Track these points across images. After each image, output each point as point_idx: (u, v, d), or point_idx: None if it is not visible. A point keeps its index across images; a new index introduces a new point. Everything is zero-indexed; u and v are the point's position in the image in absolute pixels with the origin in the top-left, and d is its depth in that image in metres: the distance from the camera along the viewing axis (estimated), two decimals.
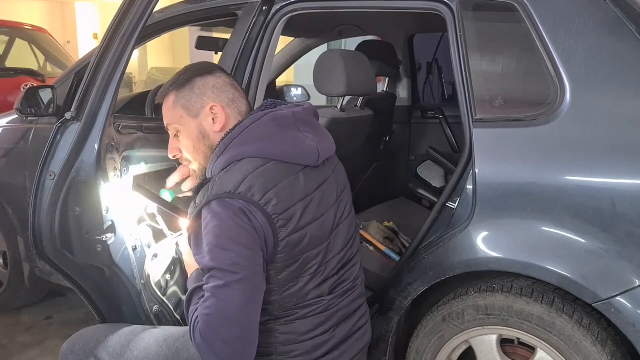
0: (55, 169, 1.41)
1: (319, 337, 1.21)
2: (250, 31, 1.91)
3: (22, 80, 4.87)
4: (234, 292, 1.05)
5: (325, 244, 1.20)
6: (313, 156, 1.19)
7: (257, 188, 1.08)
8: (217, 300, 1.05)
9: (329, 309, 1.22)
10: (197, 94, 1.23)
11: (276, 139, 1.16)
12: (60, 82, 2.21)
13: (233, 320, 1.05)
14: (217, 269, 1.06)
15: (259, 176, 1.10)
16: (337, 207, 1.25)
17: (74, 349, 1.34)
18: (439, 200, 1.55)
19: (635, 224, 1.27)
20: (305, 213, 1.14)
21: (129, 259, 1.50)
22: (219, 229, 1.06)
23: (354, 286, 1.30)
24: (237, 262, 1.05)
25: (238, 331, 1.06)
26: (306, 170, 1.18)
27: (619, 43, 1.34)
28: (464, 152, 1.48)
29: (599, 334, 1.34)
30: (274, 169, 1.13)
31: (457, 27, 1.51)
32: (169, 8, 2.12)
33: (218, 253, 1.06)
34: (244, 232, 1.06)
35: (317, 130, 1.25)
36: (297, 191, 1.14)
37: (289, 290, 1.16)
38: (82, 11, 14.65)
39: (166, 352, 1.28)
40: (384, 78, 3.07)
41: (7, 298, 2.57)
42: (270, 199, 1.08)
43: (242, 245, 1.06)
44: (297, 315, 1.18)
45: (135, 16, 1.40)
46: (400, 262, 1.61)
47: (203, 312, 1.07)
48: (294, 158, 1.16)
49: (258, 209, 1.07)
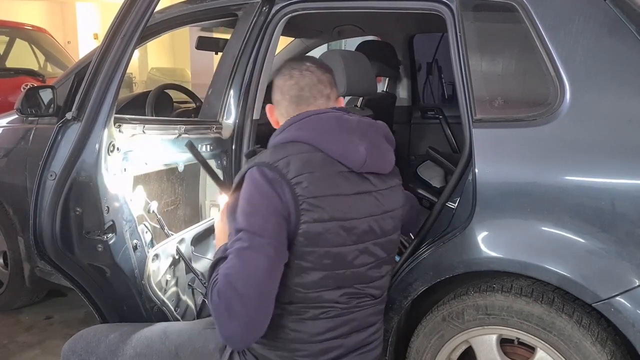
0: (56, 169, 1.41)
1: (328, 341, 1.19)
2: (250, 31, 1.91)
3: (23, 80, 4.87)
4: (257, 254, 1.08)
5: (348, 249, 1.18)
6: (358, 161, 1.19)
7: (293, 167, 1.13)
8: (239, 261, 1.08)
9: (342, 315, 1.21)
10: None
11: (330, 134, 1.19)
12: (61, 82, 2.21)
13: (253, 281, 1.07)
14: (244, 231, 1.10)
15: (300, 159, 1.15)
16: (374, 224, 1.23)
17: (75, 349, 1.35)
18: (439, 200, 1.55)
19: (635, 224, 1.27)
20: (332, 209, 1.15)
21: (129, 259, 1.50)
22: (251, 194, 1.13)
23: (373, 304, 1.28)
24: (264, 226, 1.09)
25: (256, 294, 1.07)
26: (350, 174, 1.20)
27: (619, 43, 1.34)
28: (464, 152, 1.48)
29: (599, 333, 1.34)
30: (317, 158, 1.17)
31: (457, 27, 1.51)
32: (169, 8, 2.12)
33: (248, 216, 1.11)
34: (274, 200, 1.11)
35: (375, 145, 1.24)
36: (331, 186, 1.16)
37: (301, 279, 1.15)
38: (82, 11, 14.65)
39: (169, 347, 1.28)
40: (384, 78, 3.07)
41: (7, 298, 2.57)
42: (301, 181, 1.12)
43: (271, 213, 1.10)
44: (308, 314, 1.18)
45: (136, 16, 1.41)
46: (400, 262, 1.61)
47: (224, 272, 1.08)
48: (340, 156, 1.18)
49: (287, 186, 1.11)
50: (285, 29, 1.95)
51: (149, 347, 1.30)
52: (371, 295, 1.26)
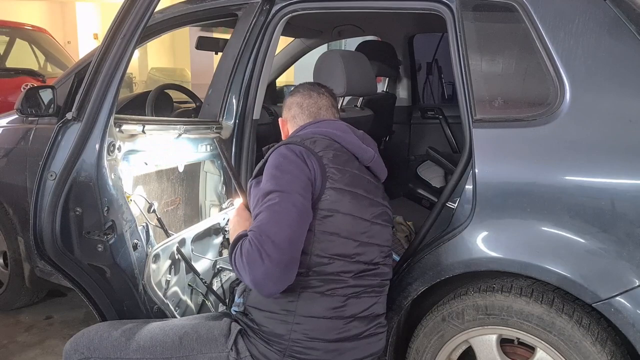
0: (56, 169, 1.41)
1: (336, 320, 1.24)
2: (250, 31, 1.91)
3: (23, 80, 4.87)
4: (287, 204, 1.16)
5: (364, 220, 1.30)
6: (368, 156, 1.38)
7: (319, 144, 1.29)
8: (270, 212, 1.15)
9: (348, 295, 1.26)
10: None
11: (344, 132, 1.37)
12: (61, 83, 2.21)
13: (284, 226, 1.14)
14: (273, 192, 1.18)
15: (324, 140, 1.32)
16: (383, 209, 1.38)
17: (77, 347, 1.35)
18: (439, 200, 1.55)
19: (635, 224, 1.27)
20: (352, 182, 1.29)
21: (129, 259, 1.50)
22: (279, 162, 1.24)
23: (379, 289, 1.35)
24: (292, 185, 1.19)
25: (287, 238, 1.13)
26: (361, 167, 1.37)
27: (619, 43, 1.34)
28: (464, 152, 1.48)
29: (599, 333, 1.34)
30: (338, 146, 1.33)
31: (457, 27, 1.51)
32: (169, 8, 2.12)
33: (276, 179, 1.20)
34: (302, 167, 1.23)
35: (377, 153, 1.43)
36: (351, 164, 1.33)
37: (319, 244, 1.23)
38: (82, 11, 14.65)
39: (172, 337, 1.29)
40: (384, 78, 3.07)
41: (7, 298, 2.57)
42: (327, 154, 1.28)
43: (298, 176, 1.21)
44: (322, 289, 1.23)
45: (136, 16, 1.40)
46: (400, 262, 1.61)
47: (255, 225, 1.15)
48: (354, 149, 1.36)
49: (314, 157, 1.25)
50: (285, 29, 1.95)
51: (152, 339, 1.31)
52: (379, 276, 1.34)
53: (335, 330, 1.24)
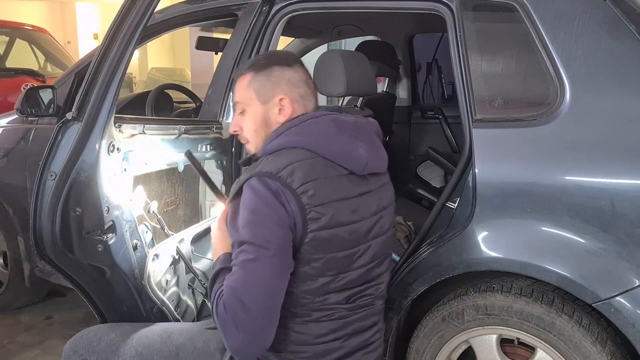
0: (56, 169, 1.41)
1: (331, 342, 1.20)
2: (250, 31, 1.91)
3: (23, 80, 4.87)
4: (263, 266, 1.06)
5: (352, 251, 1.19)
6: (360, 164, 1.20)
7: (297, 176, 1.10)
8: (245, 273, 1.07)
9: (345, 317, 1.21)
10: (271, 82, 1.25)
11: (330, 139, 1.19)
12: (61, 83, 2.21)
13: (259, 293, 1.06)
14: (248, 243, 1.08)
15: (303, 166, 1.13)
16: (376, 221, 1.24)
17: (76, 349, 1.35)
18: (439, 200, 1.55)
19: (635, 224, 1.27)
20: (339, 214, 1.15)
21: (129, 259, 1.50)
22: (254, 205, 1.10)
23: (374, 303, 1.28)
24: (269, 238, 1.07)
25: (262, 306, 1.06)
26: (351, 176, 1.20)
27: (619, 43, 1.34)
28: (464, 152, 1.48)
29: (599, 334, 1.34)
30: (320, 164, 1.15)
31: (456, 27, 1.51)
32: (169, 8, 2.12)
33: (252, 227, 1.09)
34: (278, 211, 1.09)
35: (372, 144, 1.26)
36: (336, 191, 1.16)
37: (307, 286, 1.15)
38: (82, 11, 14.63)
39: (170, 347, 1.28)
40: (383, 78, 3.07)
41: (7, 298, 2.57)
42: (307, 190, 1.10)
43: (276, 223, 1.08)
44: (312, 317, 1.18)
45: (136, 16, 1.40)
46: (400, 262, 1.61)
47: (229, 284, 1.07)
48: (341, 160, 1.18)
49: (293, 196, 1.09)
50: (285, 29, 1.95)
51: (150, 347, 1.29)
52: (374, 294, 1.26)
53: (331, 352, 1.20)
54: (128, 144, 1.51)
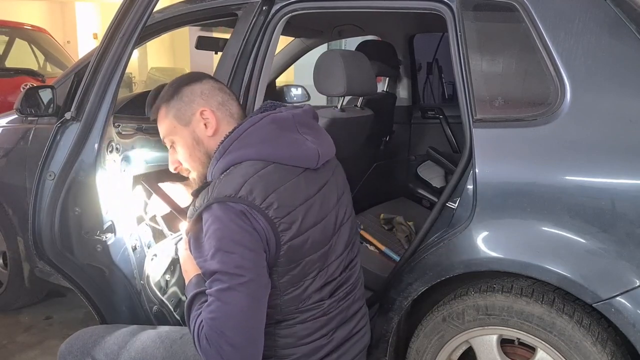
0: (55, 169, 1.41)
1: (318, 340, 1.20)
2: (250, 31, 1.90)
3: (22, 80, 4.87)
4: (239, 294, 1.04)
5: (326, 247, 1.19)
6: (313, 159, 1.18)
7: (257, 192, 1.07)
8: (222, 304, 1.04)
9: (329, 312, 1.21)
10: (185, 101, 1.25)
11: (276, 141, 1.16)
12: (60, 82, 2.21)
13: (240, 323, 1.04)
14: (220, 272, 1.04)
15: (259, 179, 1.09)
16: (338, 209, 1.24)
17: (71, 350, 1.34)
18: (439, 200, 1.55)
19: (635, 224, 1.27)
20: (307, 216, 1.13)
21: (128, 259, 1.50)
22: (221, 232, 1.05)
23: (353, 288, 1.29)
24: (241, 264, 1.04)
25: (245, 334, 1.04)
26: (306, 173, 1.18)
27: (619, 43, 1.34)
28: (464, 152, 1.48)
29: (599, 334, 1.34)
30: (274, 172, 1.12)
31: (457, 27, 1.51)
32: (169, 8, 2.11)
33: (221, 256, 1.05)
34: (247, 234, 1.05)
35: (316, 133, 1.24)
36: (298, 195, 1.14)
37: (290, 294, 1.15)
38: (82, 11, 14.66)
39: (163, 354, 1.27)
40: (384, 78, 3.06)
41: (7, 298, 2.56)
42: (272, 203, 1.08)
43: (246, 247, 1.05)
44: (297, 319, 1.18)
45: (135, 16, 1.40)
46: (400, 262, 1.61)
47: (208, 317, 1.05)
48: (294, 161, 1.16)
49: (259, 213, 1.06)
50: (285, 29, 1.95)
51: (144, 352, 1.29)
52: (352, 279, 1.28)
53: (320, 349, 1.20)
54: (127, 144, 1.51)
